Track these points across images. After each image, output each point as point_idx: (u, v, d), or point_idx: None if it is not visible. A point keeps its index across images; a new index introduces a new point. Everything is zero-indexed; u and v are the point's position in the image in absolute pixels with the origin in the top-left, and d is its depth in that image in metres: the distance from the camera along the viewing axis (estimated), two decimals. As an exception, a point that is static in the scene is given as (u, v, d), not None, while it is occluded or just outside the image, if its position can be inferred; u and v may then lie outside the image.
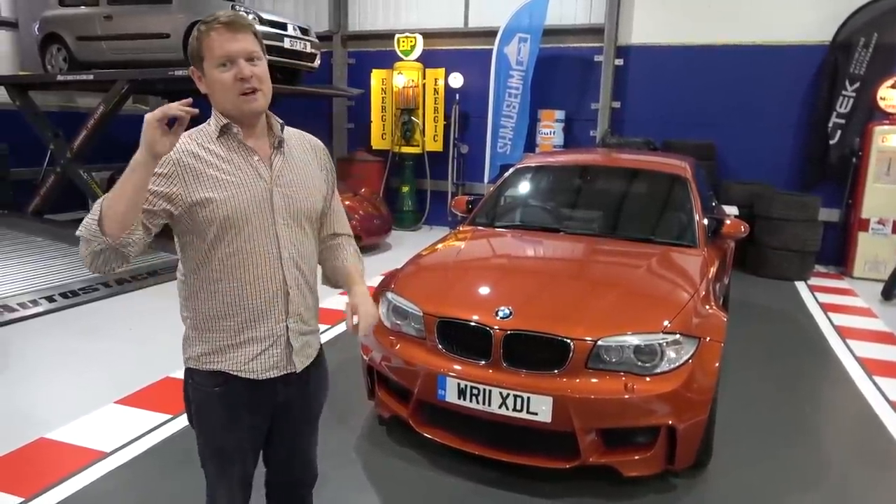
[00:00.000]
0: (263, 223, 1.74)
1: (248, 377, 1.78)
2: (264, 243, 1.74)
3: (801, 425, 3.88)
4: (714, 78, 8.63)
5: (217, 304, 1.75)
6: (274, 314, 1.78)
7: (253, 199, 1.72)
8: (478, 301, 3.17)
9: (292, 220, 1.80)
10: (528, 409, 2.85)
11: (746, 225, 4.12)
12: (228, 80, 1.66)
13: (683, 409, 2.85)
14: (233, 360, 1.77)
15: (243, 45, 1.67)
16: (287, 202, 1.78)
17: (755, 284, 7.35)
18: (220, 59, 1.66)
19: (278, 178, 1.78)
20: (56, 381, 4.13)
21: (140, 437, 3.40)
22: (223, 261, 1.73)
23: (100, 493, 2.92)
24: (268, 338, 1.78)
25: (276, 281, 1.77)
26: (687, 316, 3.04)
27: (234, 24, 1.67)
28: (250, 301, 1.75)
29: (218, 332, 1.77)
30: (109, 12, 8.27)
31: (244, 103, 1.69)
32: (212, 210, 1.68)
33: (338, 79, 10.67)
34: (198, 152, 1.70)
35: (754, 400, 4.11)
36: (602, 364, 2.88)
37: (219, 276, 1.74)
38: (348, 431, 3.53)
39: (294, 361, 1.83)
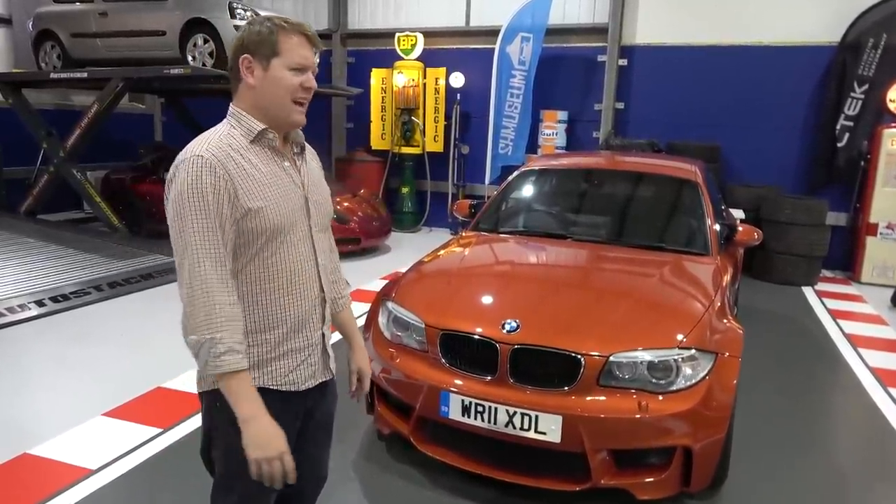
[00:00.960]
0: (303, 231, 1.73)
1: (288, 389, 1.72)
2: (305, 251, 1.73)
3: (817, 439, 3.74)
4: (719, 79, 8.50)
5: (259, 317, 1.67)
6: (313, 322, 1.76)
7: (292, 206, 1.69)
8: (483, 313, 3.03)
9: (322, 227, 1.81)
10: (536, 428, 2.71)
11: (760, 232, 3.98)
12: (295, 83, 1.64)
13: (700, 429, 2.71)
14: (272, 373, 1.70)
15: (315, 61, 1.70)
16: (317, 209, 1.78)
17: (761, 290, 7.22)
18: (298, 62, 1.63)
19: (308, 185, 1.76)
20: (43, 391, 3.98)
21: (128, 452, 3.24)
22: (267, 271, 1.66)
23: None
24: (307, 347, 1.75)
25: (315, 288, 1.76)
26: (703, 330, 2.89)
27: (315, 41, 1.70)
28: (293, 310, 1.70)
29: (258, 346, 1.67)
30: (104, 9, 8.11)
31: (294, 112, 1.67)
32: (262, 219, 1.62)
33: (337, 78, 10.51)
34: (238, 160, 1.61)
35: (767, 412, 3.96)
36: (614, 381, 2.73)
37: (262, 288, 1.66)
38: (346, 447, 3.38)
39: (331, 368, 1.85)
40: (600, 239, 3.88)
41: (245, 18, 7.50)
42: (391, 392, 3.13)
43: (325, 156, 10.72)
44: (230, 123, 1.67)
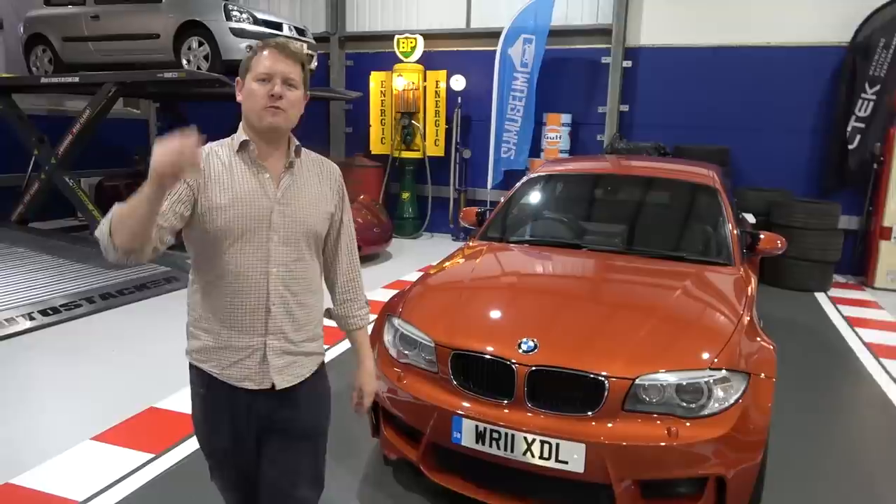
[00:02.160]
0: (258, 238, 1.79)
1: (227, 382, 1.83)
2: (254, 258, 1.79)
3: (849, 459, 3.54)
4: (727, 80, 8.32)
5: (207, 307, 1.82)
6: (253, 327, 1.81)
7: (252, 213, 1.78)
8: (497, 331, 2.82)
9: (290, 240, 1.83)
10: (557, 457, 2.50)
11: (783, 239, 3.78)
12: (261, 92, 1.75)
13: (734, 456, 2.51)
14: (213, 362, 1.83)
15: (285, 68, 1.77)
16: (286, 221, 1.82)
17: (774, 296, 7.02)
18: (261, 73, 1.76)
19: (282, 198, 1.82)
20: (29, 413, 3.77)
21: (118, 481, 3.03)
22: (217, 265, 1.78)
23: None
24: (243, 349, 1.81)
25: (258, 296, 1.80)
26: (734, 348, 2.69)
27: (285, 49, 1.80)
28: (232, 311, 1.80)
29: (205, 333, 1.84)
30: (96, 12, 7.92)
31: (266, 115, 1.76)
32: (215, 217, 1.75)
33: (335, 81, 10.32)
34: (213, 162, 1.79)
35: (794, 431, 3.76)
36: (640, 405, 2.53)
37: (210, 281, 1.81)
38: (350, 473, 3.18)
39: (273, 378, 1.83)
40: (616, 248, 3.68)
41: (241, 21, 7.32)
42: (398, 415, 2.92)
43: (323, 161, 10.54)
44: (236, 134, 1.85)
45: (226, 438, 1.87)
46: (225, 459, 1.93)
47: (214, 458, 1.94)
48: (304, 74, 1.83)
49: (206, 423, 1.90)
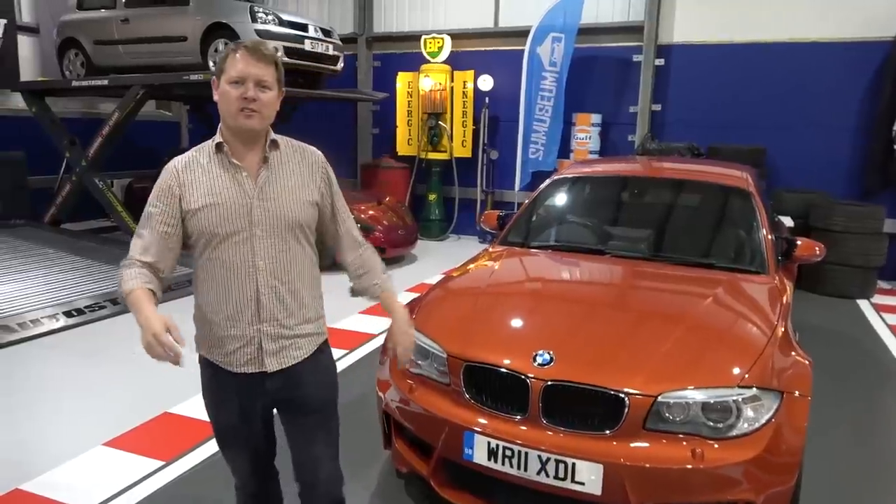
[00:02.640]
0: (240, 235, 1.90)
1: (230, 369, 1.96)
2: (240, 252, 1.90)
3: (891, 479, 3.31)
4: (764, 78, 8.02)
5: (204, 303, 1.96)
6: (245, 318, 1.93)
7: (232, 212, 1.88)
8: (512, 342, 2.68)
9: (273, 232, 1.92)
10: (573, 477, 2.36)
11: (822, 246, 3.57)
12: (234, 96, 1.82)
13: (765, 481, 2.33)
14: (215, 352, 1.97)
15: (258, 71, 1.83)
16: (267, 215, 1.91)
17: (813, 303, 6.73)
18: (234, 76, 1.83)
19: (261, 193, 1.91)
20: (44, 416, 3.76)
21: (126, 489, 2.98)
22: (206, 267, 1.93)
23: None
24: (242, 337, 1.94)
25: (248, 289, 1.91)
26: (766, 364, 2.51)
27: (257, 52, 1.85)
28: (226, 304, 1.92)
29: (206, 326, 1.97)
30: (126, 15, 8.00)
31: (241, 118, 1.84)
32: (199, 220, 1.88)
33: (362, 82, 10.27)
34: (194, 167, 1.91)
35: (831, 450, 3.54)
36: (663, 424, 2.37)
37: (204, 280, 1.94)
38: (360, 485, 3.08)
39: (265, 362, 1.95)
40: (642, 255, 3.51)
41: (267, 22, 7.31)
42: (409, 428, 2.81)
43: (350, 162, 10.52)
44: (215, 136, 1.93)
45: (234, 417, 2.02)
46: (234, 436, 2.06)
47: (223, 434, 2.08)
48: (277, 74, 1.89)
49: (215, 403, 2.05)
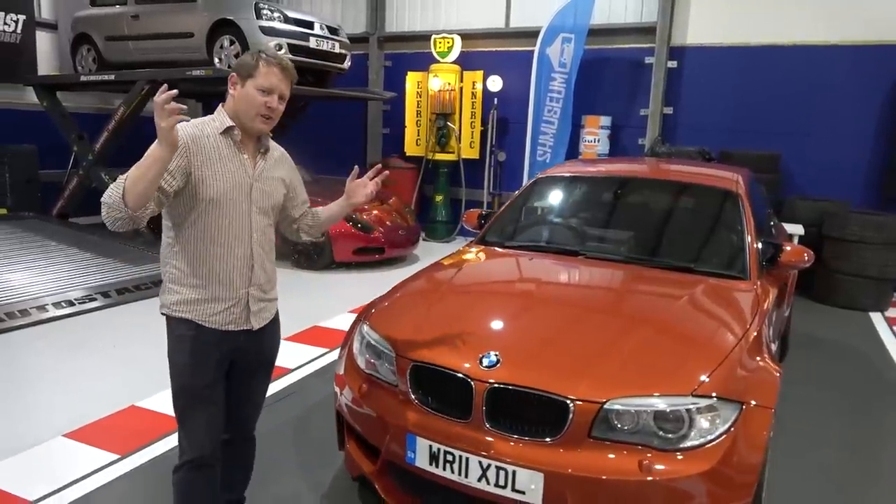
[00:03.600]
0: (241, 209, 2.17)
1: (212, 327, 2.17)
2: (240, 224, 2.17)
3: (880, 498, 3.11)
4: (780, 81, 7.79)
5: (196, 267, 2.14)
6: (238, 281, 2.19)
7: (237, 186, 2.16)
8: (460, 342, 2.56)
9: (264, 210, 2.25)
10: (513, 486, 2.24)
11: (811, 252, 3.38)
12: (260, 102, 2.11)
13: (719, 496, 2.18)
14: (200, 312, 2.16)
15: (284, 87, 2.16)
16: (262, 196, 2.23)
17: (823, 315, 6.48)
18: (266, 87, 2.11)
19: (259, 177, 2.23)
20: (14, 405, 3.74)
21: (72, 483, 2.93)
22: (205, 230, 2.12)
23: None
24: (230, 299, 2.18)
25: (244, 256, 2.19)
26: (727, 372, 2.36)
27: (287, 70, 2.16)
28: (221, 268, 2.15)
29: (191, 289, 2.15)
30: (137, 11, 8.07)
31: (259, 123, 2.15)
32: (206, 187, 2.09)
33: (373, 82, 10.24)
34: (202, 138, 2.11)
35: (825, 471, 3.32)
36: (612, 433, 2.23)
37: (200, 244, 2.13)
38: (311, 487, 3.00)
39: (251, 321, 2.24)
40: (617, 257, 3.36)
41: (272, 20, 7.30)
42: (358, 429, 2.71)
43: (359, 161, 10.47)
44: (213, 116, 2.18)
45: (209, 374, 2.19)
46: (204, 392, 2.19)
47: (194, 392, 2.19)
48: (292, 86, 2.20)
49: (194, 362, 2.17)
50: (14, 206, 8.41)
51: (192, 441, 2.21)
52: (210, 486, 2.29)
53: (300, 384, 4.17)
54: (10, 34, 9.22)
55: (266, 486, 2.94)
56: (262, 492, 2.86)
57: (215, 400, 2.24)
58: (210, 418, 2.23)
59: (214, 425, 2.26)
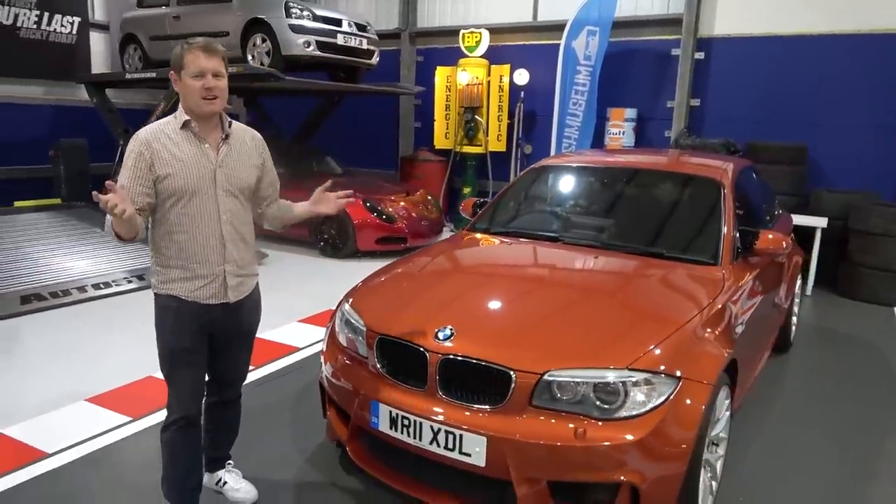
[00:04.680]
0: (207, 193, 2.37)
1: (194, 301, 2.41)
2: (207, 208, 2.38)
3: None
4: (810, 72, 7.63)
5: (174, 250, 2.37)
6: (213, 259, 2.41)
7: (200, 175, 2.35)
8: (421, 317, 2.76)
9: (231, 192, 2.43)
10: (460, 448, 2.43)
11: (788, 240, 3.43)
12: (197, 87, 2.28)
13: (649, 465, 2.32)
14: (182, 288, 2.40)
15: (213, 65, 2.29)
16: (227, 179, 2.41)
17: (845, 308, 6.40)
18: (195, 71, 2.27)
19: (222, 162, 2.40)
20: (45, 374, 4.13)
21: (88, 439, 3.28)
22: (178, 220, 2.35)
23: (18, 497, 2.81)
24: (209, 276, 2.41)
25: (215, 236, 2.40)
26: (668, 349, 2.49)
27: (209, 49, 2.29)
28: (196, 249, 2.38)
29: (172, 269, 2.40)
30: (178, 12, 8.53)
31: (204, 105, 2.31)
32: (170, 182, 2.30)
33: (405, 77, 10.48)
34: (162, 139, 2.31)
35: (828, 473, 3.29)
36: (553, 402, 2.40)
37: (174, 230, 2.36)
38: (299, 452, 3.26)
39: (229, 295, 2.46)
40: (594, 243, 3.49)
41: (301, 18, 7.61)
42: (336, 399, 2.95)
43: (392, 155, 10.76)
44: (174, 115, 2.38)
45: (190, 338, 2.42)
46: (186, 357, 2.43)
47: (176, 356, 2.43)
48: (225, 63, 2.36)
49: (178, 331, 2.41)
50: (67, 196, 9.01)
51: (180, 400, 2.45)
52: (194, 444, 2.56)
53: (304, 362, 4.45)
54: (67, 35, 9.86)
55: (257, 449, 3.21)
56: (253, 454, 3.14)
57: (196, 364, 2.47)
58: (193, 380, 2.48)
59: (197, 388, 2.51)
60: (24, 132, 9.12)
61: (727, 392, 2.77)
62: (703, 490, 2.66)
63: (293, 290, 6.28)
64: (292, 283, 6.53)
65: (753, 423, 3.71)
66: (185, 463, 2.55)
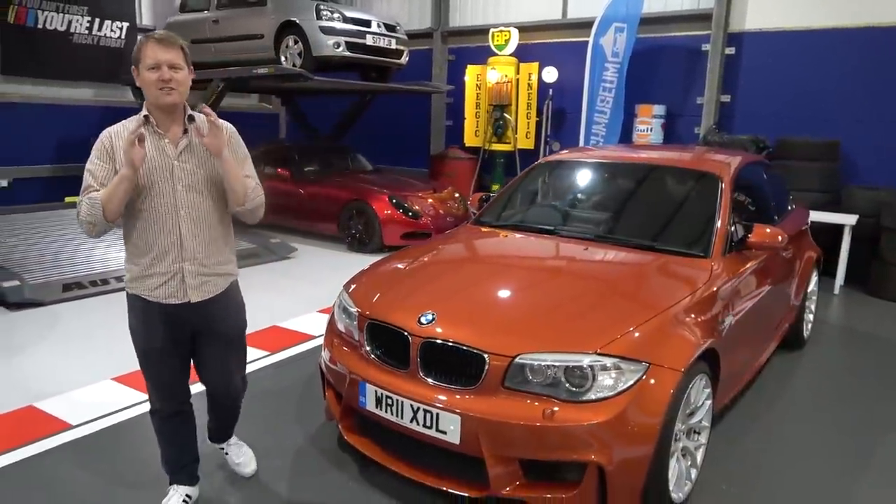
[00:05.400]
0: (165, 188, 2.34)
1: (156, 300, 2.39)
2: (165, 203, 2.35)
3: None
4: (843, 66, 7.47)
5: (136, 245, 2.39)
6: (171, 256, 2.37)
7: (157, 168, 2.32)
8: (408, 303, 2.91)
9: (192, 187, 2.38)
10: (437, 426, 2.57)
11: (784, 234, 3.43)
12: (153, 79, 2.25)
13: (615, 447, 2.41)
14: (144, 287, 2.39)
15: (169, 57, 2.26)
16: (187, 174, 2.37)
17: (873, 308, 6.25)
18: (150, 64, 2.25)
19: (181, 156, 2.37)
20: (77, 354, 4.44)
21: (109, 414, 3.54)
22: (137, 215, 2.35)
23: (43, 462, 3.07)
24: (166, 273, 2.38)
25: (173, 232, 2.36)
26: (639, 336, 2.57)
27: (165, 41, 2.28)
28: (154, 245, 2.36)
29: (135, 266, 2.40)
30: (217, 16, 8.89)
31: (161, 96, 2.28)
32: None
33: (437, 76, 10.65)
34: (123, 133, 2.30)
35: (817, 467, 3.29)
36: (526, 384, 2.51)
37: (134, 226, 2.37)
38: (298, 427, 3.46)
39: (189, 294, 2.41)
40: (587, 236, 3.56)
41: (331, 20, 7.85)
42: (331, 380, 3.12)
43: (424, 153, 10.94)
44: (139, 114, 2.35)
45: (160, 341, 2.43)
46: (159, 359, 2.47)
47: (149, 358, 2.48)
48: (185, 57, 2.34)
49: (145, 331, 2.44)
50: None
51: (155, 395, 2.58)
52: (182, 428, 2.67)
53: (318, 349, 4.63)
54: (116, 40, 10.38)
55: (263, 426, 3.41)
56: (259, 430, 3.33)
57: (169, 364, 2.50)
58: (167, 377, 2.53)
59: (171, 383, 2.56)
60: (74, 132, 9.64)
61: (706, 381, 2.83)
62: (679, 475, 2.74)
63: (317, 281, 6.51)
64: (317, 276, 6.77)
65: (750, 416, 3.72)
66: (174, 444, 2.67)
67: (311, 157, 9.06)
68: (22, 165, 9.39)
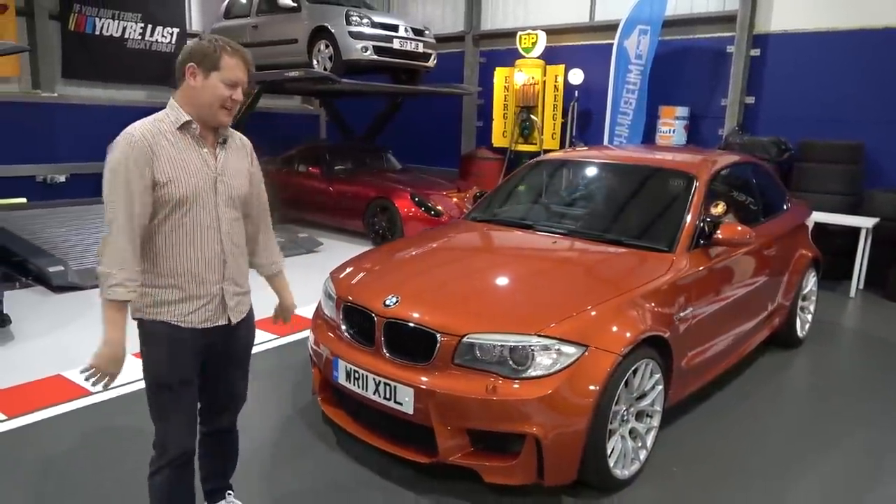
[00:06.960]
0: (208, 203, 2.13)
1: (187, 326, 2.14)
2: (208, 220, 2.13)
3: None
4: (870, 68, 7.35)
5: (169, 266, 2.10)
6: (212, 277, 2.16)
7: (201, 183, 2.10)
8: (378, 288, 3.19)
9: (230, 202, 2.19)
10: (395, 398, 2.84)
11: (751, 231, 3.55)
12: (226, 95, 2.07)
13: (550, 420, 2.63)
14: (174, 312, 2.12)
15: (245, 80, 2.11)
16: (227, 188, 2.17)
17: (888, 312, 6.19)
18: (232, 80, 2.07)
19: (221, 170, 2.17)
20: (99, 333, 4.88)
21: (126, 384, 3.94)
22: (173, 230, 2.09)
23: (59, 423, 3.49)
24: (206, 296, 2.15)
25: (215, 250, 2.15)
26: (580, 320, 2.78)
27: (250, 63, 2.13)
28: (193, 266, 2.12)
29: (162, 290, 2.12)
30: (257, 22, 9.39)
31: (223, 115, 2.11)
32: (170, 189, 2.04)
33: (468, 77, 10.90)
34: (161, 137, 2.06)
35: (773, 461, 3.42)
36: (475, 361, 2.75)
37: (172, 243, 2.09)
38: (287, 402, 3.78)
39: (229, 316, 2.22)
40: (561, 231, 3.77)
41: (360, 25, 8.21)
42: (314, 359, 3.43)
43: (454, 153, 11.21)
44: (165, 111, 2.11)
45: (189, 371, 2.19)
46: (188, 391, 2.20)
47: (176, 392, 2.17)
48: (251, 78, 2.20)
49: (172, 362, 2.14)
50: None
51: (175, 438, 2.20)
52: (190, 483, 2.33)
53: (323, 334, 4.99)
54: (167, 45, 11.02)
55: (259, 402, 3.75)
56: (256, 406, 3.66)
57: (190, 395, 2.22)
58: (188, 412, 2.23)
59: (192, 420, 2.27)
60: (127, 132, 10.27)
61: (653, 366, 3.00)
62: (625, 454, 2.93)
63: (337, 274, 6.86)
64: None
65: (720, 408, 3.84)
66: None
67: (341, 156, 9.44)
68: (78, 162, 10.10)
